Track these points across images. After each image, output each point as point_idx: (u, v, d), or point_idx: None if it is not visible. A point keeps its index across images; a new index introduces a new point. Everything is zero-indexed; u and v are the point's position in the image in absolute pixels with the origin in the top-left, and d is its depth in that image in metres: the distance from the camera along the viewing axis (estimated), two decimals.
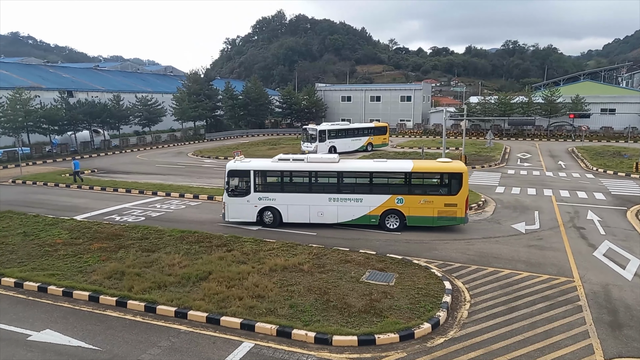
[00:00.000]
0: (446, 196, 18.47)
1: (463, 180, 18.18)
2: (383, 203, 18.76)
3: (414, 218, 18.67)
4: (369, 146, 46.80)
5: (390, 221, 18.90)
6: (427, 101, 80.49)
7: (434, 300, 12.11)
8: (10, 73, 57.11)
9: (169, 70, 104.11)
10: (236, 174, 19.58)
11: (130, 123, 52.34)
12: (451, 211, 18.39)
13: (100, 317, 11.54)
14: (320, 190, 19.34)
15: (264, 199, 19.46)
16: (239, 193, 19.60)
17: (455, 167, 18.62)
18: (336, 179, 19.32)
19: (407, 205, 18.60)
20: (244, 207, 19.51)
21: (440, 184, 19.04)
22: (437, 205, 18.43)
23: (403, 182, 19.02)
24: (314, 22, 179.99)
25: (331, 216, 19.16)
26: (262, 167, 19.83)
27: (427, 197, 18.57)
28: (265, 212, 19.60)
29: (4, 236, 17.39)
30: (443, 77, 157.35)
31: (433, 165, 19.71)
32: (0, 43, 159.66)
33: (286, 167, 19.62)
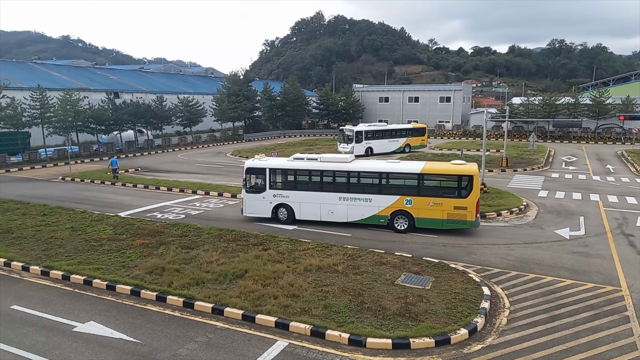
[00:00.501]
0: (456, 199, 18.19)
1: (474, 183, 17.82)
2: (392, 204, 18.82)
3: (422, 220, 18.59)
4: (406, 147, 46.26)
5: (399, 222, 18.92)
6: (467, 102, 78.77)
7: (471, 305, 11.83)
8: (61, 75, 59.98)
9: (210, 72, 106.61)
10: (253, 171, 20.41)
11: (172, 123, 53.87)
12: (461, 214, 18.10)
13: (141, 311, 11.93)
14: (331, 189, 19.65)
15: (278, 196, 20.13)
16: (255, 190, 20.43)
17: (466, 169, 18.23)
18: (346, 179, 19.56)
19: (416, 206, 18.55)
20: (260, 203, 20.30)
21: (450, 187, 18.72)
22: (447, 208, 18.20)
23: (412, 183, 18.86)
24: (352, 22, 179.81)
25: (341, 215, 19.51)
26: (277, 166, 20.41)
27: (437, 200, 18.37)
28: (280, 209, 20.25)
29: (54, 230, 18.26)
30: (484, 77, 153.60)
31: (443, 168, 19.49)
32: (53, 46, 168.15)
33: (299, 166, 20.14)
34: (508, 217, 21.51)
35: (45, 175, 33.83)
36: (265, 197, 20.23)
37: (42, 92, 41.18)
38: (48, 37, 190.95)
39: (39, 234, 17.81)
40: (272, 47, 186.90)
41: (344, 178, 19.60)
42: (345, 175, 19.57)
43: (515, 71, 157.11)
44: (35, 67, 61.76)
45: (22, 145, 41.58)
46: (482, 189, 25.33)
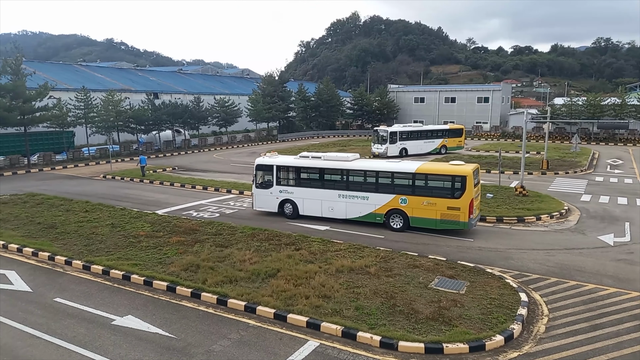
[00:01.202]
0: (449, 199, 18.09)
1: (467, 184, 17.67)
2: (387, 202, 19.11)
3: (417, 219, 18.75)
4: (442, 149, 45.49)
5: (395, 220, 19.18)
6: (507, 102, 76.71)
7: (507, 312, 11.49)
8: (104, 76, 62.26)
9: (246, 73, 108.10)
10: (262, 168, 21.50)
11: (209, 123, 54.97)
12: (454, 215, 18.00)
13: (176, 307, 12.21)
14: (331, 186, 20.29)
15: (283, 192, 21.13)
16: (264, 185, 21.50)
17: (459, 170, 18.11)
18: (345, 177, 20.10)
19: (411, 205, 18.74)
20: (268, 198, 21.42)
21: (443, 187, 18.55)
22: (440, 208, 18.21)
23: (407, 182, 19.06)
24: (388, 22, 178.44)
25: (340, 212, 20.12)
26: (283, 163, 21.36)
27: (430, 199, 18.41)
28: (286, 204, 21.21)
29: (95, 227, 18.96)
30: (525, 77, 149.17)
31: (437, 168, 19.59)
32: (97, 49, 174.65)
33: (303, 163, 21.04)
34: (548, 221, 20.80)
35: (88, 173, 35.18)
36: (273, 192, 21.27)
37: (87, 93, 42.89)
38: (93, 40, 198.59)
39: (81, 230, 18.53)
40: (307, 48, 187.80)
41: (344, 176, 20.16)
42: (344, 174, 20.12)
43: (558, 71, 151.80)
44: (80, 69, 64.36)
45: (67, 144, 43.43)
46: (521, 192, 24.63)
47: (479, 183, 19.39)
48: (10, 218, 20.38)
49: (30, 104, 36.14)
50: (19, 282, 13.79)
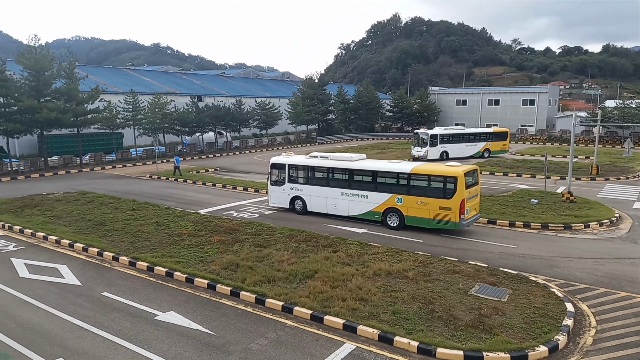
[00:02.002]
0: (441, 199, 18.54)
1: (458, 185, 18.06)
2: (385, 201, 19.90)
3: (411, 218, 19.34)
4: (485, 152, 44.41)
5: (392, 219, 19.84)
6: (554, 105, 74.01)
7: (552, 322, 11.07)
8: (151, 80, 64.57)
9: (286, 76, 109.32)
10: (276, 166, 23.04)
11: (250, 126, 55.96)
12: (445, 215, 18.45)
13: (216, 305, 12.49)
14: (336, 185, 21.41)
15: (294, 189, 22.49)
16: (277, 183, 23.01)
17: (451, 171, 18.45)
18: (348, 176, 21.11)
19: (406, 205, 19.36)
20: (281, 194, 22.90)
21: (435, 187, 18.98)
22: (433, 208, 18.72)
23: (403, 182, 19.66)
24: (430, 24, 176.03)
25: (343, 209, 21.16)
26: (294, 162, 22.64)
27: (424, 199, 18.97)
28: (296, 201, 22.57)
29: (141, 225, 19.67)
30: (574, 78, 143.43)
31: (430, 169, 19.87)
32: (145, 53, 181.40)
33: (311, 162, 22.24)
34: (597, 229, 19.90)
35: (135, 173, 36.56)
36: (285, 189, 22.72)
37: (135, 96, 44.61)
38: (141, 44, 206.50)
39: (128, 227, 19.26)
40: (347, 50, 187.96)
41: (347, 175, 21.19)
42: (347, 173, 21.15)
43: (609, 72, 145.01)
44: (129, 73, 67.05)
45: (116, 144, 45.34)
46: (568, 198, 23.70)
47: (476, 185, 19.51)
48: (63, 215, 21.47)
49: (83, 107, 37.95)
50: (70, 276, 14.50)
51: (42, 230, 18.99)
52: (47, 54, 35.87)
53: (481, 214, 21.53)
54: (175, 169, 34.36)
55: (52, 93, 36.49)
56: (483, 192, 26.86)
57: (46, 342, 10.50)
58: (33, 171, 35.69)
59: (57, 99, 36.58)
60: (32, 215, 21.33)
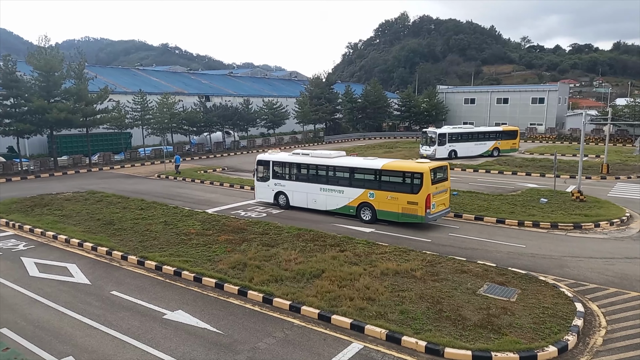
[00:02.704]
0: (409, 194, 19.43)
1: (423, 181, 18.96)
2: (358, 196, 20.88)
3: (382, 212, 20.25)
4: (494, 151, 44.13)
5: (365, 213, 20.80)
6: (563, 103, 73.36)
7: (562, 322, 10.97)
8: (159, 80, 64.90)
9: (294, 76, 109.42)
10: (261, 163, 24.20)
11: (257, 125, 56.02)
12: (412, 209, 19.29)
13: (223, 304, 12.53)
14: (315, 181, 22.36)
15: (278, 185, 23.63)
16: (263, 179, 24.16)
17: (418, 167, 19.45)
18: (326, 172, 22.03)
19: (377, 199, 20.31)
20: (266, 190, 24.09)
21: (404, 183, 19.81)
22: (401, 202, 19.61)
23: (374, 178, 20.57)
24: (438, 22, 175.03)
25: (322, 204, 22.20)
26: (278, 159, 23.86)
27: (393, 194, 19.85)
28: (280, 196, 23.67)
29: (149, 224, 19.78)
30: (584, 76, 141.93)
31: (399, 165, 20.67)
32: (153, 53, 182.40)
33: (293, 159, 23.41)
34: (608, 228, 19.69)
35: (143, 173, 36.79)
36: (269, 185, 23.87)
37: (143, 96, 44.86)
38: (149, 45, 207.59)
39: (137, 227, 19.38)
40: (354, 49, 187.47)
41: (325, 172, 22.12)
42: (325, 169, 22.09)
43: (621, 70, 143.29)
44: (137, 73, 67.43)
45: (125, 144, 45.64)
46: (578, 198, 23.48)
47: (445, 181, 20.33)
48: (72, 214, 21.65)
49: (92, 107, 38.23)
50: (79, 275, 14.62)
51: (51, 229, 19.16)
52: (57, 55, 36.18)
53: (490, 213, 21.45)
54: (176, 167, 35.11)
55: (62, 93, 36.80)
56: (492, 191, 26.72)
57: (56, 340, 10.60)
58: (43, 171, 36.04)
59: (66, 99, 36.87)
60: (42, 215, 21.54)
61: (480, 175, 34.71)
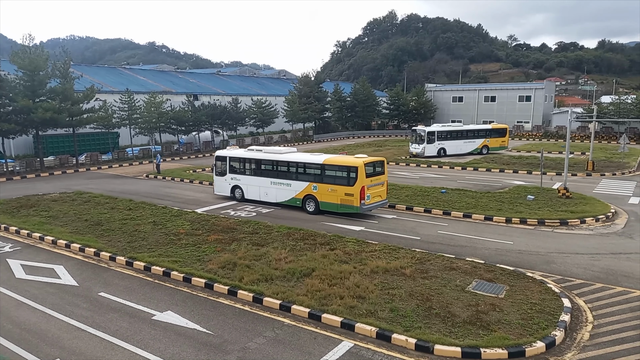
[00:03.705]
0: (346, 187, 20.98)
1: (358, 174, 20.47)
2: (304, 189, 22.36)
3: (324, 203, 21.77)
4: (484, 149, 44.51)
5: (309, 205, 22.27)
6: (550, 101, 74.15)
7: (549, 317, 11.11)
8: (146, 79, 64.32)
9: (283, 74, 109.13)
10: (219, 159, 25.53)
11: (246, 124, 55.81)
12: (349, 200, 20.86)
13: (213, 304, 12.48)
14: (266, 175, 23.85)
15: (234, 179, 25.00)
16: (220, 173, 25.48)
17: (353, 162, 20.92)
18: (275, 167, 23.55)
19: (320, 192, 21.85)
20: (223, 184, 25.44)
21: (341, 176, 21.34)
22: (340, 194, 21.16)
23: (317, 172, 22.07)
24: (426, 20, 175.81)
25: (272, 197, 23.56)
26: (234, 155, 25.29)
27: (333, 187, 21.42)
28: (236, 190, 25.02)
29: (138, 224, 19.62)
30: (570, 74, 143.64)
31: (338, 160, 22.16)
32: (140, 52, 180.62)
33: (247, 155, 24.76)
34: (593, 224, 19.98)
35: (132, 173, 36.46)
36: (226, 179, 25.26)
37: (130, 95, 44.46)
38: (136, 43, 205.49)
39: (125, 227, 19.21)
40: (343, 48, 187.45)
41: (274, 166, 23.62)
42: (275, 164, 23.58)
43: (605, 68, 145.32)
44: (124, 72, 66.75)
45: (112, 144, 45.15)
46: (564, 194, 23.78)
47: (381, 175, 21.76)
48: (59, 215, 21.39)
49: (78, 106, 37.74)
50: (67, 277, 14.46)
51: (38, 230, 18.92)
52: (42, 54, 35.64)
53: (478, 210, 21.64)
54: (157, 166, 35.29)
55: (47, 93, 36.29)
56: (480, 189, 26.95)
57: (43, 342, 10.47)
58: (29, 171, 35.53)
59: (52, 98, 36.36)
60: (29, 216, 21.25)
61: (468, 173, 34.98)
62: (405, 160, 40.64)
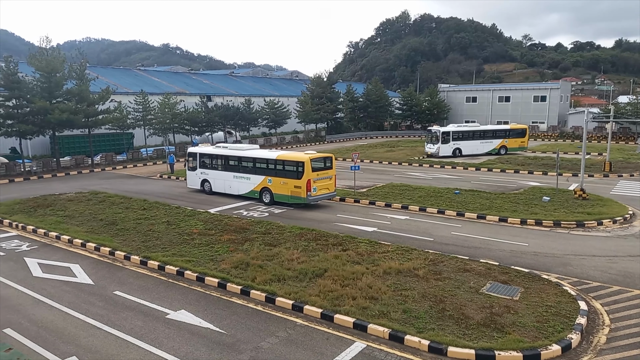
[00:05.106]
0: (295, 180, 22.98)
1: (305, 168, 22.48)
2: (260, 182, 24.40)
3: (278, 195, 23.78)
4: (502, 149, 44.06)
5: (266, 196, 24.29)
6: (565, 101, 73.16)
7: (565, 320, 10.95)
8: (161, 80, 64.94)
9: (295, 75, 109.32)
10: (191, 155, 27.84)
11: (259, 125, 56.05)
12: (298, 192, 22.92)
13: (226, 303, 12.54)
14: (230, 169, 25.94)
15: (203, 174, 27.20)
16: (192, 168, 27.74)
17: (301, 157, 23.02)
18: (238, 162, 25.62)
19: (274, 185, 23.85)
20: (194, 178, 27.74)
21: (291, 170, 23.29)
22: (290, 187, 23.16)
23: (271, 167, 24.08)
24: (439, 20, 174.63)
25: (235, 189, 25.67)
26: (203, 151, 27.45)
27: (285, 180, 23.42)
28: (205, 183, 27.22)
29: (152, 224, 19.80)
30: (586, 74, 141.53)
31: (288, 155, 24.32)
32: (155, 54, 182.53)
33: (214, 151, 27.14)
34: (610, 226, 19.65)
35: (146, 173, 36.83)
36: (197, 174, 27.48)
37: (145, 96, 44.91)
38: (151, 45, 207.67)
39: (139, 227, 19.41)
40: (355, 48, 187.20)
41: (237, 162, 25.67)
42: (237, 160, 25.68)
43: (622, 67, 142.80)
44: (139, 74, 67.48)
45: (127, 145, 45.66)
46: (581, 196, 23.44)
47: (328, 169, 23.72)
48: (75, 214, 21.69)
49: (94, 107, 38.25)
50: (82, 275, 14.65)
51: (55, 230, 19.21)
52: (59, 56, 36.22)
53: (492, 211, 21.42)
54: (171, 166, 35.75)
55: (64, 94, 36.84)
56: (494, 190, 26.68)
57: (60, 340, 10.62)
58: (46, 171, 36.10)
59: (68, 100, 36.90)
60: (45, 215, 21.59)
61: (482, 173, 34.66)
62: (418, 161, 40.43)
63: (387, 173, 34.79)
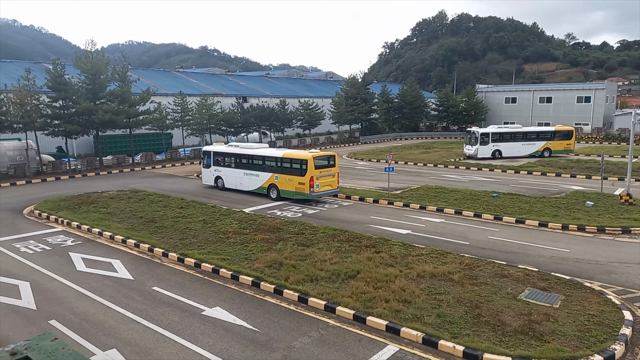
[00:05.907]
0: (299, 177, 24.23)
1: (308, 166, 23.74)
2: (268, 179, 25.83)
3: (284, 191, 25.08)
4: (545, 152, 42.67)
5: (273, 192, 25.67)
6: (611, 102, 70.18)
7: (608, 330, 10.50)
8: (199, 82, 66.42)
9: (329, 76, 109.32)
10: (206, 153, 29.39)
11: (293, 126, 56.44)
12: (302, 188, 24.10)
13: (260, 302, 12.69)
14: (241, 167, 27.43)
15: (217, 171, 28.76)
16: (207, 166, 29.26)
17: (305, 155, 24.53)
18: (248, 160, 27.10)
19: (280, 181, 25.18)
20: (208, 175, 29.29)
21: (296, 168, 24.52)
22: (295, 183, 24.43)
23: (278, 165, 25.40)
24: (477, 20, 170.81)
25: (246, 185, 27.15)
26: (217, 150, 29.12)
27: (290, 177, 24.70)
28: (218, 180, 28.73)
29: (189, 222, 20.27)
30: (633, 74, 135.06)
31: (293, 154, 25.83)
32: (193, 56, 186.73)
33: (227, 150, 28.78)
34: None
35: (183, 172, 37.74)
36: (211, 171, 29.03)
37: (183, 98, 46.04)
38: (189, 48, 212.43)
39: (177, 225, 19.91)
40: (391, 49, 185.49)
41: (247, 160, 27.17)
42: (247, 158, 27.21)
43: None
44: (178, 75, 69.25)
45: (166, 145, 46.94)
46: (627, 201, 22.42)
47: (332, 167, 25.00)
48: (116, 212, 22.47)
49: (135, 108, 39.56)
50: (123, 271, 15.16)
51: (97, 226, 19.95)
52: (103, 58, 37.65)
53: (532, 216, 20.81)
54: None
55: (107, 95, 38.28)
56: (534, 193, 25.91)
57: (101, 332, 11.03)
58: (89, 170, 37.58)
59: (111, 101, 38.29)
60: (89, 212, 22.45)
61: (521, 176, 33.69)
62: (454, 163, 39.68)
63: (422, 175, 34.33)
